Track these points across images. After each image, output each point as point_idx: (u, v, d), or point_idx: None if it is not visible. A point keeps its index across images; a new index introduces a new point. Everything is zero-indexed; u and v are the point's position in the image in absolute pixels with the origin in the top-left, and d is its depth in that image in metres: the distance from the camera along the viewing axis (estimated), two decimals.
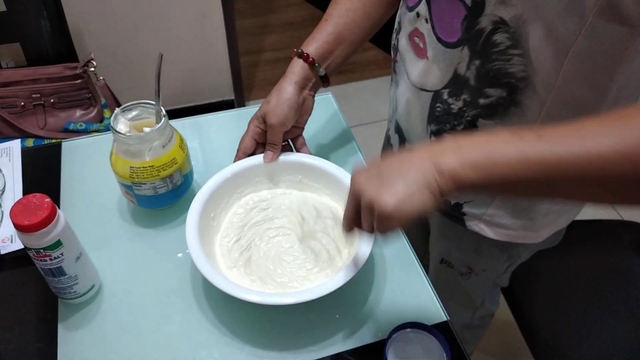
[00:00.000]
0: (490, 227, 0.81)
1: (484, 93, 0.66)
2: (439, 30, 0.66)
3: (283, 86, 0.77)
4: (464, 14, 0.61)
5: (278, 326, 0.71)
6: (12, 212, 0.60)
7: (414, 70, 0.74)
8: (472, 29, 0.62)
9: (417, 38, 0.71)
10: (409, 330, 0.67)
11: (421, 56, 0.71)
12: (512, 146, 0.48)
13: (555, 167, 0.46)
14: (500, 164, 0.48)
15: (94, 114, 1.51)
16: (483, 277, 0.96)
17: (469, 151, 0.49)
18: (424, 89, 0.73)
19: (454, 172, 0.49)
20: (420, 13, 0.69)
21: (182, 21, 1.98)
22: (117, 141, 0.74)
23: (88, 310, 0.72)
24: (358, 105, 2.39)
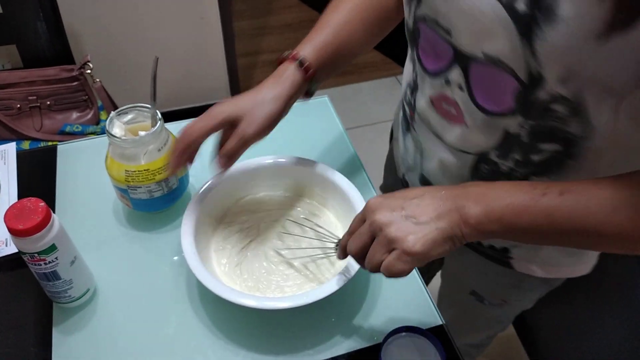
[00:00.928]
0: (543, 267, 0.76)
1: (537, 149, 0.60)
2: (481, 101, 0.59)
3: (274, 96, 0.67)
4: (517, 89, 0.54)
5: (274, 330, 0.71)
6: (7, 216, 0.60)
7: (447, 133, 0.67)
8: (527, 100, 0.55)
9: (446, 104, 0.64)
10: (405, 334, 0.67)
11: (456, 121, 0.64)
12: (535, 203, 0.51)
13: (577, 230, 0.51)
14: (524, 220, 0.52)
15: (90, 116, 1.51)
16: (516, 306, 0.91)
17: (494, 204, 0.52)
18: (465, 152, 0.66)
19: (480, 223, 0.52)
20: (450, 80, 0.61)
21: (179, 23, 1.98)
22: (112, 145, 0.74)
23: (83, 314, 0.72)
24: (355, 108, 2.39)
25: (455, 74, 0.60)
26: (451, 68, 0.60)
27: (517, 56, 0.52)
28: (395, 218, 0.54)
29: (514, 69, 0.53)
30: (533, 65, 0.51)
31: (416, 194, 0.55)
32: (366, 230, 0.56)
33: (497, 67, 0.54)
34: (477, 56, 0.56)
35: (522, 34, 0.50)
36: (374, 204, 0.56)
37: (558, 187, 0.52)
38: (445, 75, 0.62)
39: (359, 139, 1.12)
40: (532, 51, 0.50)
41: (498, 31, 0.52)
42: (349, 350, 0.69)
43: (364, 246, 0.57)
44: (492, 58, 0.54)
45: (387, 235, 0.53)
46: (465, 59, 0.58)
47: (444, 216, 0.53)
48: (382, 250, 0.54)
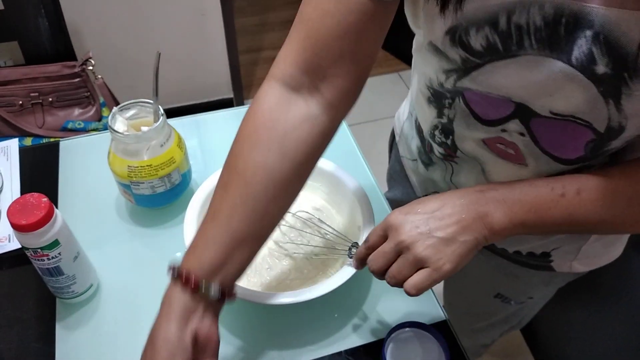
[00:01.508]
0: (583, 262, 0.76)
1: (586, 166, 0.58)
2: (547, 147, 0.56)
3: (157, 327, 0.53)
4: (591, 138, 0.52)
5: (277, 325, 0.71)
6: (10, 211, 0.60)
7: (498, 172, 0.63)
8: (600, 150, 0.53)
9: (503, 145, 0.59)
10: (408, 330, 0.67)
11: (513, 161, 0.60)
12: (555, 205, 0.53)
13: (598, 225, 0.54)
14: (547, 222, 0.54)
15: (92, 113, 1.51)
16: (539, 301, 0.91)
17: (516, 209, 0.53)
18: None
19: (505, 229, 0.53)
20: (508, 130, 0.56)
21: (181, 19, 1.98)
22: (115, 140, 0.74)
23: (86, 309, 0.72)
24: (357, 104, 2.38)
25: (513, 125, 0.55)
26: (510, 121, 0.55)
27: (597, 113, 0.49)
28: (422, 236, 0.53)
29: (591, 122, 0.50)
30: (615, 119, 0.48)
31: (436, 205, 0.54)
32: (391, 250, 0.55)
33: (568, 121, 0.51)
34: (543, 114, 0.52)
35: (605, 94, 0.47)
36: (396, 222, 0.54)
37: (575, 186, 0.53)
38: (501, 125, 0.57)
39: (361, 135, 1.12)
40: (618, 107, 0.47)
41: (572, 91, 0.48)
42: (352, 346, 0.69)
43: (388, 264, 0.55)
44: (564, 115, 0.51)
45: (417, 255, 0.53)
46: (528, 114, 0.53)
47: (468, 227, 0.53)
48: (409, 269, 0.54)
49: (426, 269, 0.53)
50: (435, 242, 0.52)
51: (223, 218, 0.54)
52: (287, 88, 0.55)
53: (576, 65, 0.46)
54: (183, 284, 0.52)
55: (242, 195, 0.53)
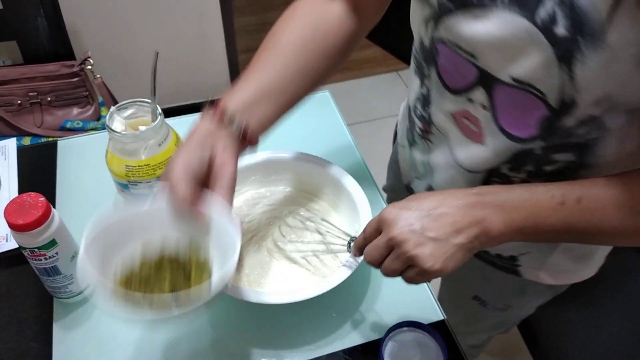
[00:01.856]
0: (551, 274, 0.76)
1: (550, 159, 0.58)
2: (504, 123, 0.57)
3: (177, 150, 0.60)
4: (545, 113, 0.52)
5: (275, 325, 0.71)
6: (7, 211, 0.60)
7: (461, 151, 0.65)
8: (553, 127, 0.53)
9: (467, 120, 0.61)
10: (406, 329, 0.67)
11: (474, 139, 0.62)
12: (554, 213, 0.53)
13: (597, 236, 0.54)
14: (545, 230, 0.53)
15: (91, 112, 1.51)
16: (520, 311, 0.91)
17: (514, 215, 0.53)
18: (475, 172, 0.65)
19: (502, 235, 0.53)
20: (473, 99, 0.59)
21: (180, 19, 1.97)
22: (112, 140, 0.74)
23: (83, 309, 0.72)
24: (356, 103, 2.39)
25: (478, 94, 0.58)
26: (474, 88, 0.58)
27: (551, 80, 0.49)
28: (413, 234, 0.53)
29: (545, 94, 0.51)
30: (568, 90, 0.49)
31: (432, 204, 0.54)
32: (383, 244, 0.55)
33: (525, 91, 0.52)
34: (504, 80, 0.53)
35: (560, 58, 0.48)
36: (390, 217, 0.55)
37: (575, 194, 0.53)
38: (467, 94, 0.59)
39: (360, 135, 1.12)
40: (570, 75, 0.48)
41: (531, 54, 0.49)
42: (350, 346, 0.69)
43: (381, 257, 0.56)
44: (522, 82, 0.52)
45: (407, 253, 0.53)
46: (490, 81, 0.55)
47: (463, 231, 0.52)
48: (400, 264, 0.55)
49: (416, 267, 0.54)
50: (426, 242, 0.52)
51: (256, 70, 0.63)
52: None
53: (539, 25, 0.47)
54: (212, 115, 0.59)
55: (274, 55, 0.64)
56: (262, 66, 0.64)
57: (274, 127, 0.64)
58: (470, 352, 1.13)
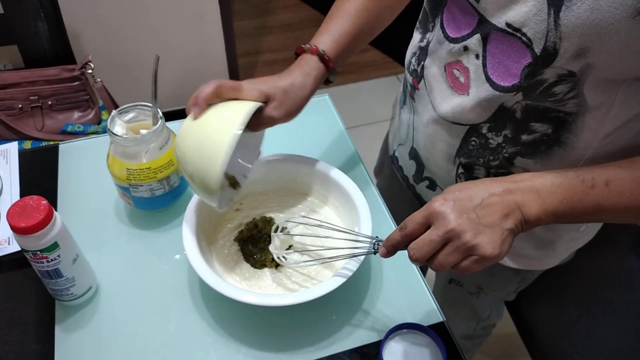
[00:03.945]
0: (512, 257, 0.79)
1: (528, 128, 0.63)
2: (491, 72, 0.61)
3: (302, 85, 0.69)
4: (528, 61, 0.56)
5: (275, 327, 0.71)
6: (9, 214, 0.60)
7: (444, 103, 0.69)
8: (534, 77, 0.57)
9: (458, 71, 0.66)
10: (405, 331, 0.67)
11: (459, 91, 0.66)
12: (586, 196, 0.56)
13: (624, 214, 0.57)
14: (577, 212, 0.56)
15: (91, 116, 1.51)
16: (493, 295, 0.94)
17: (550, 201, 0.56)
18: (457, 123, 0.68)
19: (538, 220, 0.56)
20: (469, 47, 0.63)
21: (180, 23, 1.98)
22: (114, 143, 0.75)
23: (85, 312, 0.73)
24: (355, 107, 2.39)
25: (474, 41, 0.62)
26: (472, 35, 0.62)
27: (539, 25, 0.53)
28: (471, 224, 0.54)
29: (532, 40, 0.55)
30: (552, 37, 0.53)
31: (479, 193, 0.56)
32: (439, 238, 0.55)
33: (515, 37, 0.56)
34: (499, 26, 0.58)
35: (550, 3, 0.52)
36: (442, 209, 0.55)
37: (604, 177, 0.56)
38: (464, 42, 0.63)
39: (359, 138, 1.12)
40: (556, 20, 0.51)
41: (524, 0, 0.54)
42: (349, 347, 0.69)
43: (434, 252, 0.56)
44: (514, 27, 0.56)
45: (467, 243, 0.54)
46: (487, 27, 0.59)
47: (510, 216, 0.55)
48: (459, 256, 0.55)
49: (475, 256, 0.54)
50: (483, 230, 0.54)
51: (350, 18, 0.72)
52: None
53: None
54: (325, 63, 0.70)
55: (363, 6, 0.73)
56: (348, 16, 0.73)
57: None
58: (465, 345, 1.14)
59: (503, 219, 0.55)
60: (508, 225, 0.55)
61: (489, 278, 0.88)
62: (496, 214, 0.55)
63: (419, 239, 0.56)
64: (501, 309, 1.10)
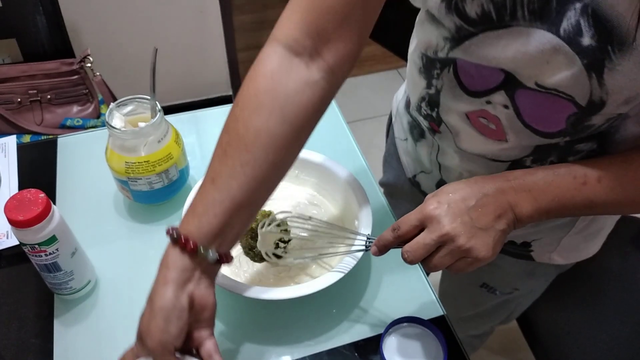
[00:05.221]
0: (562, 254, 0.78)
1: (573, 150, 0.59)
2: (529, 120, 0.57)
3: (156, 293, 0.54)
4: (573, 111, 0.53)
5: (275, 321, 0.71)
6: (7, 207, 0.60)
7: (477, 147, 0.65)
8: (581, 124, 0.54)
9: (486, 120, 0.61)
10: (406, 325, 0.67)
11: (493, 137, 0.62)
12: (578, 193, 0.55)
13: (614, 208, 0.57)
14: (568, 209, 0.56)
15: (90, 110, 1.50)
16: (526, 293, 0.93)
17: (542, 199, 0.55)
18: (498, 160, 0.65)
19: (530, 217, 0.56)
20: (492, 101, 0.58)
21: (180, 17, 1.97)
22: (112, 136, 0.74)
23: (84, 305, 0.72)
24: (356, 101, 2.39)
25: (498, 96, 0.57)
26: (495, 92, 0.57)
27: (580, 87, 0.50)
28: (465, 227, 0.54)
29: (573, 96, 0.51)
30: (597, 94, 0.50)
31: (472, 194, 0.55)
32: (433, 242, 0.54)
33: (551, 95, 0.53)
34: (529, 85, 0.54)
35: (588, 68, 0.48)
36: (436, 213, 0.54)
37: (596, 174, 0.55)
38: (487, 97, 0.59)
39: (360, 132, 1.12)
40: (600, 82, 0.48)
41: (559, 65, 0.49)
42: (350, 341, 0.69)
43: (428, 254, 0.56)
44: (548, 89, 0.52)
45: (461, 246, 0.54)
46: (514, 85, 0.55)
47: (503, 216, 0.55)
48: (453, 258, 0.55)
49: (469, 259, 0.55)
50: (477, 233, 0.54)
51: (223, 183, 0.53)
52: (289, 52, 0.54)
53: (564, 37, 0.48)
54: (182, 247, 0.53)
55: (242, 161, 0.53)
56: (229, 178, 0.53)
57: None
58: (472, 342, 1.14)
59: (496, 220, 0.54)
60: (501, 227, 0.55)
61: (527, 277, 0.85)
62: (489, 216, 0.54)
63: (413, 241, 0.56)
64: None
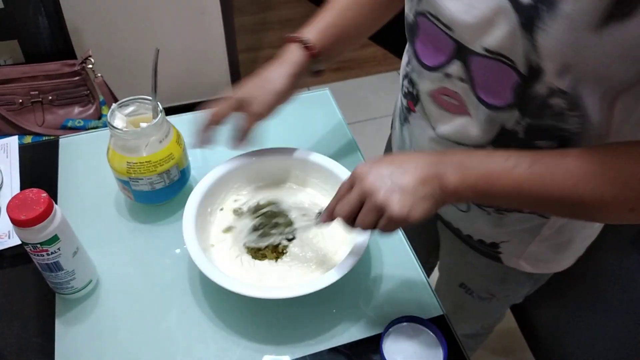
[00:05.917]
0: (531, 262, 0.79)
1: (533, 145, 0.61)
2: (481, 93, 0.60)
3: (278, 74, 0.70)
4: (516, 81, 0.55)
5: (275, 320, 0.72)
6: (9, 207, 0.60)
7: (446, 126, 0.68)
8: (526, 94, 0.56)
9: (447, 97, 0.65)
10: (405, 324, 0.67)
11: (458, 112, 0.65)
12: (507, 175, 0.55)
13: (543, 201, 0.56)
14: (497, 190, 0.56)
15: (92, 111, 1.51)
16: (504, 301, 0.94)
17: (470, 175, 0.56)
18: (462, 144, 0.67)
19: (455, 190, 0.57)
20: (451, 74, 0.62)
21: (181, 18, 1.98)
22: (114, 136, 0.75)
23: (85, 305, 0.73)
24: (356, 102, 2.39)
25: (455, 67, 0.61)
26: (451, 62, 0.61)
27: (518, 48, 0.52)
28: (384, 184, 0.56)
29: (514, 61, 0.54)
30: (533, 58, 0.52)
31: (402, 159, 0.59)
32: (355, 196, 0.58)
33: (497, 60, 0.55)
34: (477, 51, 0.57)
35: (523, 26, 0.51)
36: (362, 171, 0.58)
37: (529, 159, 0.55)
38: (444, 69, 0.63)
39: (360, 134, 1.12)
40: (533, 43, 0.51)
41: (500, 23, 0.52)
42: (349, 340, 0.69)
43: (353, 211, 0.59)
44: (493, 52, 0.55)
45: (376, 201, 0.56)
46: (465, 52, 0.58)
47: (427, 182, 0.56)
48: (372, 214, 0.57)
49: (385, 215, 0.56)
50: (395, 190, 0.56)
51: (338, 10, 0.74)
52: None
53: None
54: (307, 49, 0.71)
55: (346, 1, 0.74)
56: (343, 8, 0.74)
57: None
58: (467, 342, 1.14)
59: (419, 184, 0.56)
60: (423, 192, 0.56)
61: (501, 284, 0.87)
62: (412, 178, 0.56)
63: (343, 199, 0.60)
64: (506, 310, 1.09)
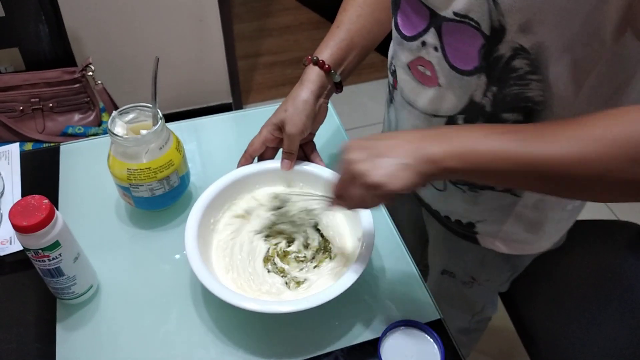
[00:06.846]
0: (506, 243, 0.82)
1: (500, 118, 0.65)
2: (452, 59, 0.64)
3: (300, 94, 0.77)
4: (482, 43, 0.59)
5: (273, 325, 0.72)
6: (11, 213, 0.61)
7: (421, 98, 0.72)
8: (491, 56, 0.60)
9: (422, 67, 0.69)
10: (403, 329, 0.68)
11: (430, 84, 0.69)
12: (495, 141, 0.54)
13: (531, 165, 0.53)
14: (485, 156, 0.54)
15: (92, 118, 1.52)
16: (486, 286, 0.96)
17: (453, 142, 0.55)
18: (437, 115, 0.71)
19: (439, 160, 0.55)
20: (427, 42, 0.66)
21: (180, 26, 1.99)
22: (114, 143, 0.75)
23: (86, 310, 0.73)
24: (354, 108, 2.40)
25: (430, 35, 0.65)
26: (427, 31, 0.65)
27: (482, 9, 0.56)
28: (365, 156, 0.57)
29: (479, 22, 0.58)
30: (495, 16, 0.56)
31: (387, 135, 0.60)
32: (343, 171, 0.60)
33: (464, 24, 0.59)
34: (448, 16, 0.61)
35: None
36: (350, 145, 0.60)
37: (500, 128, 0.57)
38: (421, 37, 0.67)
39: None
40: (495, 2, 0.55)
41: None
42: (347, 345, 0.70)
43: (342, 186, 0.61)
44: (461, 15, 0.59)
45: (355, 169, 0.57)
46: (439, 19, 0.62)
47: (410, 154, 0.56)
48: (351, 185, 0.59)
49: (362, 183, 0.57)
50: (378, 159, 0.57)
51: (344, 26, 0.80)
52: None
53: None
54: (320, 67, 0.78)
55: (357, 14, 0.81)
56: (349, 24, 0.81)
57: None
58: (461, 339, 1.15)
59: (401, 156, 0.56)
60: (404, 161, 0.56)
61: (479, 267, 0.90)
62: (394, 151, 0.57)
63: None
64: (495, 302, 1.10)
